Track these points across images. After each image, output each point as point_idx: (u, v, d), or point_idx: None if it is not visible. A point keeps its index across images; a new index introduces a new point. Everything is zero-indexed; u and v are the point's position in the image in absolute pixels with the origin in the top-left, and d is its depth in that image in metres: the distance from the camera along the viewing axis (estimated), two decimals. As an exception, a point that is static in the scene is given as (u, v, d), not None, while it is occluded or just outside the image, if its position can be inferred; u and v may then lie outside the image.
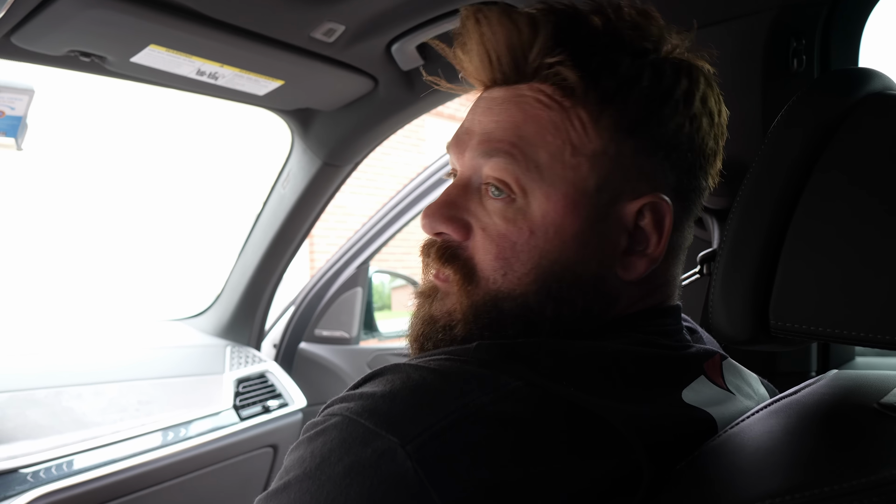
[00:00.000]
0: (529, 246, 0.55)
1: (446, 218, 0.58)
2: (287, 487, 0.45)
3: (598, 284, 0.57)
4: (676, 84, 0.56)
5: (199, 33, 1.09)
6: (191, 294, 5.02)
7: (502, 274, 0.56)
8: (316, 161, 1.64)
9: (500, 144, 0.56)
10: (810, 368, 1.02)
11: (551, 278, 0.55)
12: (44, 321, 2.66)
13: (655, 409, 0.50)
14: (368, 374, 0.50)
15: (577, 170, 0.55)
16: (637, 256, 0.57)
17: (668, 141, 0.56)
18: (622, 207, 0.56)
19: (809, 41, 0.93)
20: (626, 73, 0.55)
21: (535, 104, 0.56)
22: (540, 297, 0.56)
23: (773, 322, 0.50)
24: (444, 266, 0.59)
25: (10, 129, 1.24)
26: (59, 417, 1.36)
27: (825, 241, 0.48)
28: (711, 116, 0.59)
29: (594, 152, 0.55)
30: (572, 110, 0.55)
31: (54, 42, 1.06)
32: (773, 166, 0.52)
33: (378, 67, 1.31)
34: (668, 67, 0.57)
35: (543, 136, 0.55)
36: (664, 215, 0.56)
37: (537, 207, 0.55)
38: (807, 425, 0.49)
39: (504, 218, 0.56)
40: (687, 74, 0.57)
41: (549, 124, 0.55)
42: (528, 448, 0.44)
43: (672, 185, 0.58)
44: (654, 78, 0.56)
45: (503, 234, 0.56)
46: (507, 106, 0.57)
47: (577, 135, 0.55)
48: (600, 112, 0.55)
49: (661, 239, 0.57)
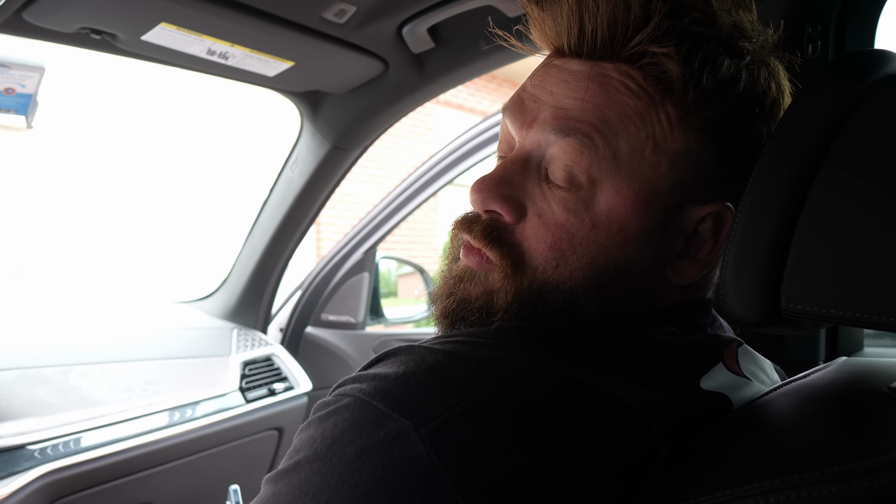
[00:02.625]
0: (589, 240, 0.52)
1: (501, 196, 0.54)
2: (297, 467, 0.44)
3: (647, 285, 0.55)
4: (768, 90, 0.54)
5: (211, 12, 1.08)
6: (199, 276, 5.04)
7: (554, 265, 0.53)
8: (325, 144, 1.63)
9: (579, 125, 0.51)
10: (818, 357, 1.02)
11: (605, 275, 0.53)
12: (53, 301, 2.69)
13: (673, 394, 0.50)
14: (381, 354, 0.49)
15: (655, 167, 0.52)
16: (689, 260, 0.55)
17: (748, 150, 0.54)
18: (689, 211, 0.54)
19: (825, 27, 0.92)
20: (725, 74, 0.51)
21: (623, 89, 0.51)
22: (589, 293, 0.53)
23: (784, 304, 0.50)
24: (488, 247, 0.54)
25: (20, 106, 1.24)
26: (67, 395, 1.37)
27: (839, 223, 0.47)
28: (776, 117, 0.57)
29: (676, 152, 0.52)
30: (662, 104, 0.52)
31: (65, 18, 1.06)
32: (786, 148, 0.52)
33: (388, 50, 1.30)
34: (762, 71, 0.54)
35: (627, 125, 0.51)
36: (724, 223, 0.55)
37: (604, 201, 0.52)
38: (817, 407, 0.49)
39: (565, 206, 0.52)
40: (776, 80, 0.55)
41: (635, 114, 0.51)
42: (543, 432, 0.43)
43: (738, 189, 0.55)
44: (749, 82, 0.53)
45: (561, 224, 0.52)
46: (590, 84, 0.52)
47: (661, 131, 0.52)
48: (693, 111, 0.52)
49: (716, 246, 0.55)
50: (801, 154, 0.51)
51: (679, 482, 0.45)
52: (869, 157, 0.47)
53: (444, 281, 0.59)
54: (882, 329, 0.45)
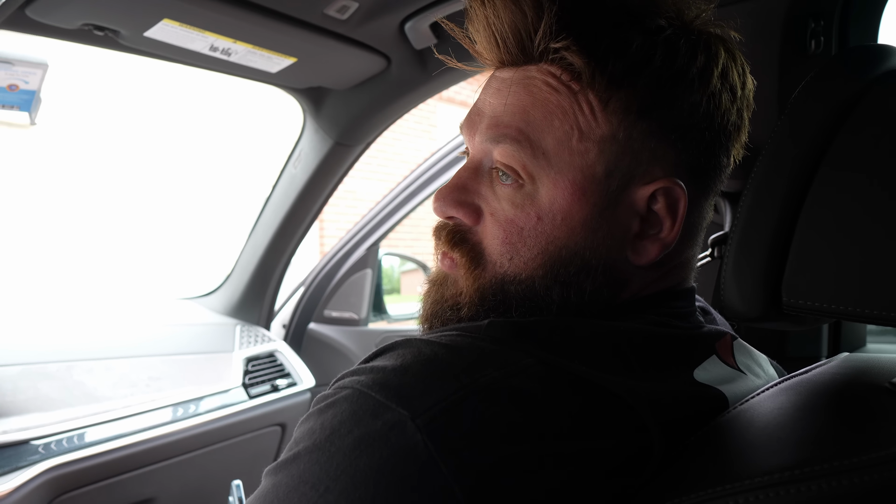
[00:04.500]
0: (536, 232, 0.55)
1: (457, 202, 0.58)
2: (297, 458, 0.45)
3: (608, 269, 0.56)
4: (692, 61, 0.54)
5: (213, 8, 1.08)
6: (202, 273, 5.05)
7: (509, 258, 0.56)
8: (327, 141, 1.63)
9: (507, 130, 0.55)
10: (820, 353, 1.01)
11: (559, 263, 0.55)
12: (57, 297, 2.69)
13: (667, 387, 0.50)
14: (380, 349, 0.50)
15: (584, 156, 0.54)
16: (649, 241, 0.56)
17: (683, 121, 0.55)
18: (633, 192, 0.55)
19: (828, 22, 0.92)
20: (636, 54, 0.53)
21: (544, 87, 0.55)
22: (547, 282, 0.56)
23: (785, 299, 0.50)
24: (452, 249, 0.59)
25: (24, 102, 1.25)
26: (71, 391, 1.38)
27: (840, 218, 0.47)
28: (733, 91, 0.57)
29: (602, 137, 0.54)
30: (581, 94, 0.54)
31: (68, 15, 1.06)
32: (788, 143, 0.52)
33: (391, 46, 1.30)
34: (683, 44, 0.54)
35: (551, 120, 0.54)
36: (678, 199, 0.55)
37: (545, 194, 0.55)
38: (817, 402, 0.49)
39: (512, 203, 0.56)
40: (705, 49, 0.55)
41: (557, 109, 0.54)
42: (538, 424, 0.44)
43: (689, 165, 0.56)
44: (667, 57, 0.54)
45: (511, 220, 0.56)
46: (516, 88, 0.56)
47: (585, 119, 0.54)
48: (609, 96, 0.53)
49: (675, 223, 0.56)
50: (802, 150, 0.51)
51: (673, 480, 0.45)
52: (870, 152, 0.47)
53: (426, 286, 0.63)
54: (884, 324, 0.45)
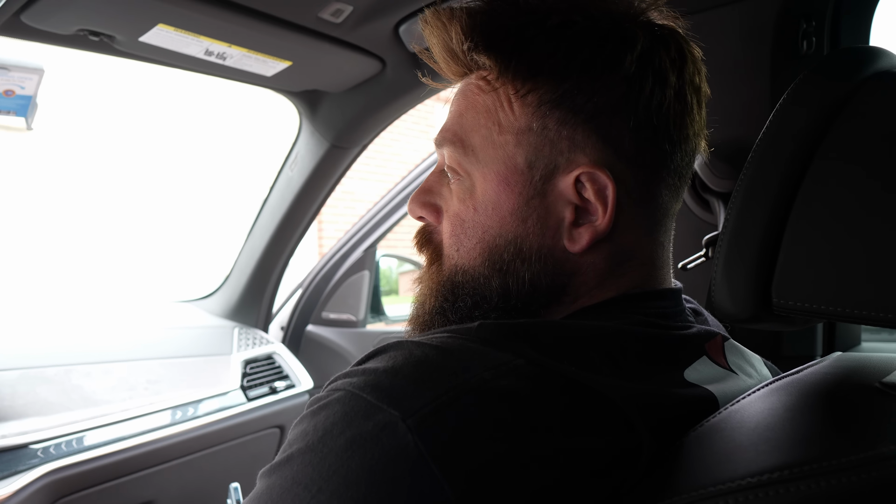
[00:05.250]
0: (474, 223, 0.60)
1: (421, 203, 0.64)
2: (290, 460, 0.45)
3: (544, 257, 0.58)
4: (599, 50, 0.56)
5: (208, 13, 1.09)
6: (200, 275, 5.05)
7: (456, 250, 0.61)
8: (324, 143, 1.64)
9: (447, 134, 0.61)
10: (815, 353, 1.02)
11: (494, 251, 0.59)
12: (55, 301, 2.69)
13: (655, 388, 0.51)
14: (372, 351, 0.51)
15: (504, 148, 0.58)
16: (584, 228, 0.57)
17: (599, 108, 0.56)
18: (559, 181, 0.57)
19: (819, 23, 0.92)
20: (539, 48, 0.56)
21: (475, 91, 0.60)
22: (486, 270, 0.59)
23: (775, 300, 0.50)
24: (421, 250, 0.65)
25: (20, 108, 1.25)
26: (69, 395, 1.38)
27: (830, 219, 0.47)
28: (660, 75, 0.57)
29: (519, 129, 0.58)
30: (501, 91, 0.58)
31: (63, 21, 1.06)
32: (777, 144, 0.52)
33: (386, 49, 1.30)
34: (591, 35, 0.56)
35: (478, 119, 0.59)
36: (605, 185, 0.56)
37: (478, 187, 0.59)
38: (808, 402, 0.49)
39: (458, 198, 0.61)
40: (617, 38, 0.56)
41: (483, 108, 0.59)
42: (528, 424, 0.44)
43: (621, 151, 0.57)
44: (570, 49, 0.56)
45: (456, 213, 0.61)
46: (458, 96, 0.62)
47: (504, 114, 0.58)
48: (523, 90, 0.57)
49: (607, 209, 0.56)
50: (791, 148, 0.51)
51: (663, 481, 0.46)
52: (860, 151, 0.48)
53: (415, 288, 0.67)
54: (876, 325, 0.45)
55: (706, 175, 0.99)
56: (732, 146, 0.93)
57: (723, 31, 0.98)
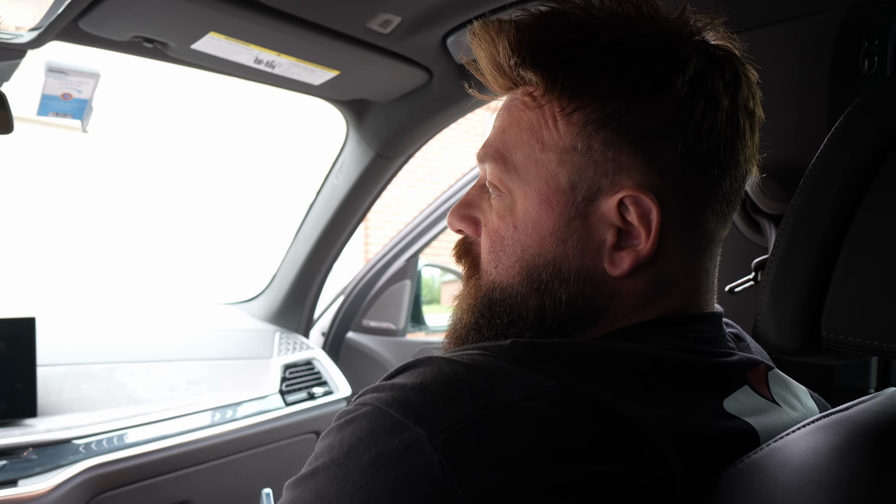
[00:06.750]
0: (514, 240, 0.59)
1: (461, 216, 0.64)
2: (315, 473, 0.45)
3: (582, 278, 0.56)
4: (650, 71, 0.54)
5: (258, 22, 1.10)
6: (244, 279, 5.14)
7: (494, 266, 0.60)
8: (369, 152, 1.64)
9: (489, 150, 0.61)
10: (868, 385, 0.97)
11: (533, 271, 0.58)
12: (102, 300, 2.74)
13: (692, 417, 0.49)
14: (402, 366, 0.50)
15: (546, 166, 0.57)
16: (626, 252, 0.56)
17: (647, 131, 0.54)
18: (602, 203, 0.56)
19: (882, 42, 0.88)
20: (587, 66, 0.55)
21: (520, 106, 0.59)
22: (524, 289, 0.58)
23: (824, 333, 0.47)
24: (459, 260, 0.65)
25: (76, 111, 1.29)
26: (112, 392, 1.41)
27: (887, 248, 0.45)
28: (712, 99, 0.55)
29: (563, 148, 0.56)
30: (546, 108, 0.57)
31: (119, 28, 1.09)
32: (831, 171, 0.50)
33: (433, 60, 1.30)
34: (643, 55, 0.54)
35: (521, 136, 0.59)
36: (649, 209, 0.54)
37: (519, 205, 0.59)
38: (856, 443, 0.46)
39: (498, 215, 0.60)
40: (669, 59, 0.55)
41: (527, 125, 0.58)
42: (556, 448, 0.43)
43: (667, 175, 0.55)
44: (621, 68, 0.54)
45: (496, 230, 0.60)
46: (503, 111, 0.61)
47: (548, 132, 0.57)
48: (569, 108, 0.56)
49: (650, 234, 0.55)
50: (848, 174, 0.48)
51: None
52: None
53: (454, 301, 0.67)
54: None
55: (757, 196, 0.96)
56: (786, 167, 0.90)
57: (780, 49, 0.95)
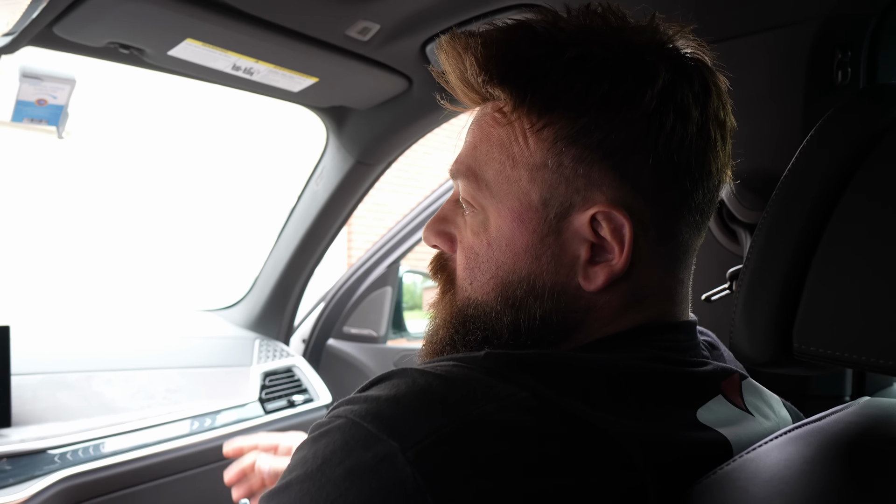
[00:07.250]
0: (488, 257, 0.58)
1: (436, 232, 0.64)
2: (288, 487, 0.45)
3: (557, 294, 0.56)
4: (618, 85, 0.54)
5: (236, 28, 1.10)
6: (223, 286, 5.10)
7: (469, 283, 0.60)
8: (349, 159, 1.64)
9: (461, 166, 0.60)
10: (844, 393, 0.98)
11: (507, 287, 0.58)
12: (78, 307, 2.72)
13: (664, 428, 0.49)
14: (376, 378, 0.50)
15: (518, 183, 0.57)
16: (600, 267, 0.56)
17: (618, 145, 0.54)
18: (574, 219, 0.55)
19: (856, 53, 0.89)
20: (555, 82, 0.54)
21: (490, 122, 0.59)
22: (498, 305, 0.58)
23: (796, 345, 0.48)
24: (435, 276, 0.65)
25: (52, 117, 1.27)
26: (89, 401, 1.39)
27: (859, 259, 0.45)
28: (682, 111, 0.55)
29: (534, 165, 0.56)
30: (517, 124, 0.56)
31: (94, 33, 1.08)
32: (804, 182, 0.50)
33: (412, 67, 1.30)
34: (611, 68, 0.54)
35: (492, 153, 0.58)
36: (622, 225, 0.54)
37: (493, 221, 0.58)
38: (827, 455, 0.47)
39: (472, 231, 0.60)
40: (639, 73, 0.54)
41: (497, 141, 0.58)
42: (530, 459, 0.43)
43: (640, 189, 0.55)
44: (591, 83, 0.54)
45: (470, 246, 0.60)
46: (473, 126, 0.61)
47: (518, 148, 0.56)
48: (539, 125, 0.55)
49: (624, 249, 0.55)
50: (818, 186, 0.49)
51: None
52: (890, 192, 0.46)
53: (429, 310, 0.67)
54: (894, 374, 0.43)
55: (733, 205, 0.96)
56: (761, 177, 0.90)
57: (755, 59, 0.96)
